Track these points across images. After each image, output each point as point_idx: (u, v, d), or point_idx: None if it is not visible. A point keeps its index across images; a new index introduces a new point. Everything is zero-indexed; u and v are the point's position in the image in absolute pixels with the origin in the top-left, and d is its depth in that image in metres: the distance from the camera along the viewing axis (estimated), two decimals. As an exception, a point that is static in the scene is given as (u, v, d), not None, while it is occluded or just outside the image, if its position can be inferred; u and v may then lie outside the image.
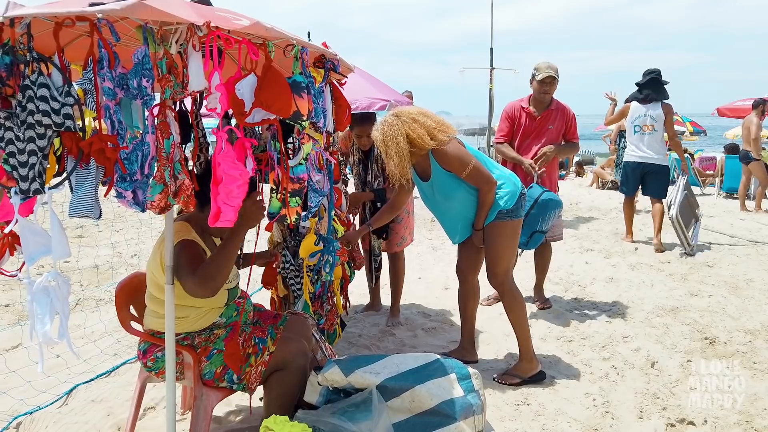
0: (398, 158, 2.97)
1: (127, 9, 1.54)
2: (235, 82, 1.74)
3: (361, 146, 3.96)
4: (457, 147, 3.02)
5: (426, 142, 2.95)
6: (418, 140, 2.95)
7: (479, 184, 3.02)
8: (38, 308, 1.79)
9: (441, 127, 3.04)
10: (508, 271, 3.21)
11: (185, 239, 2.20)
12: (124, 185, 1.71)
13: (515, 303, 3.20)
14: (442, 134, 3.00)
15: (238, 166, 1.74)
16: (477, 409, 2.36)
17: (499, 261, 3.15)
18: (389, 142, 2.97)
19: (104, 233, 7.04)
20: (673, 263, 5.85)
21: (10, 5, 1.61)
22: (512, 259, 3.23)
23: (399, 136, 2.94)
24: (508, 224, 3.11)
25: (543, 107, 4.28)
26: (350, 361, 2.46)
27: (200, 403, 2.27)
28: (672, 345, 3.71)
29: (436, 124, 3.03)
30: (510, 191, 3.09)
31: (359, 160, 4.03)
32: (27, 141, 1.63)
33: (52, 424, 2.72)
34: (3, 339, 3.59)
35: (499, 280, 3.19)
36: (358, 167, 4.04)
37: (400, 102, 4.57)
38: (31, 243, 1.76)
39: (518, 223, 3.17)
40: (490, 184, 3.02)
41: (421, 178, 3.19)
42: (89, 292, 4.69)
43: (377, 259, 4.17)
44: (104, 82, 1.65)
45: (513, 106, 4.40)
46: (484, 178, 3.01)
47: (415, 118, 2.99)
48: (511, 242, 3.16)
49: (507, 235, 3.12)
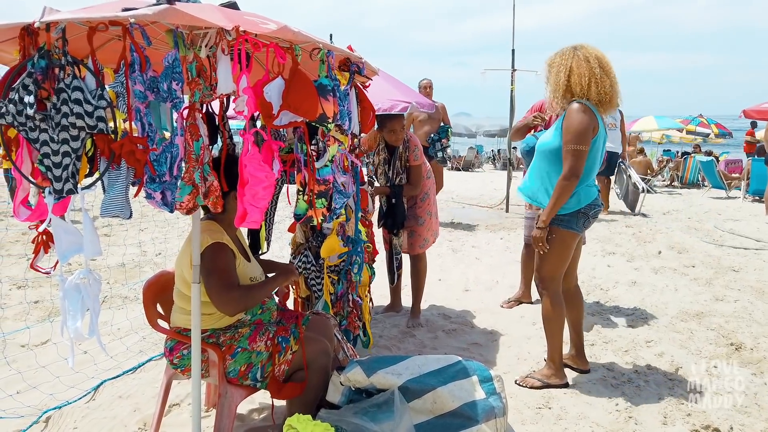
0: (552, 86, 2.94)
1: (159, 14, 1.58)
2: (263, 85, 1.77)
3: (391, 142, 3.97)
4: (589, 121, 2.84)
5: (581, 87, 2.87)
6: (575, 79, 2.88)
7: (565, 164, 2.86)
8: (70, 305, 1.84)
9: (606, 89, 2.89)
10: (553, 279, 3.11)
11: (218, 242, 2.24)
12: (154, 186, 1.75)
13: (553, 312, 3.12)
14: (597, 94, 2.88)
15: (264, 168, 1.76)
16: (499, 412, 2.35)
17: (543, 264, 3.08)
18: (552, 67, 2.95)
19: (130, 232, 7.17)
20: (697, 267, 5.76)
21: (47, 10, 1.66)
22: (559, 267, 3.09)
23: (562, 66, 2.91)
24: (557, 231, 2.98)
25: None
26: (372, 361, 2.48)
27: (224, 400, 2.30)
28: (697, 350, 3.66)
29: (604, 81, 2.89)
30: (576, 200, 2.95)
31: (385, 159, 4.05)
32: (61, 143, 1.68)
33: (80, 419, 2.78)
34: (33, 335, 3.68)
35: (544, 285, 3.12)
36: (383, 166, 4.06)
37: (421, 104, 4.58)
38: (64, 241, 1.80)
39: (568, 235, 3.00)
40: (572, 176, 2.84)
41: None
42: (116, 290, 4.78)
43: (398, 258, 4.18)
44: (135, 85, 1.69)
45: (542, 102, 4.40)
46: (575, 165, 2.83)
47: (589, 60, 2.89)
48: (559, 250, 3.03)
49: (555, 241, 3.00)
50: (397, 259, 4.17)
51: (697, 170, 14.36)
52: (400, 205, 4.01)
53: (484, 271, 5.79)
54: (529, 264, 4.62)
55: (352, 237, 2.98)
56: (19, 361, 3.30)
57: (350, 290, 3.15)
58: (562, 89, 2.94)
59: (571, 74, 2.90)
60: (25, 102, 1.64)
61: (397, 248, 4.13)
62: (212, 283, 2.18)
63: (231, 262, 2.28)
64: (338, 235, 2.94)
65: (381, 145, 4.03)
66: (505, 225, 8.37)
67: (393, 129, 3.88)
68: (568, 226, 2.99)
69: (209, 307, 2.28)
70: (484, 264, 6.07)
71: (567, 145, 2.86)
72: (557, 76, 2.93)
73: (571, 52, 2.95)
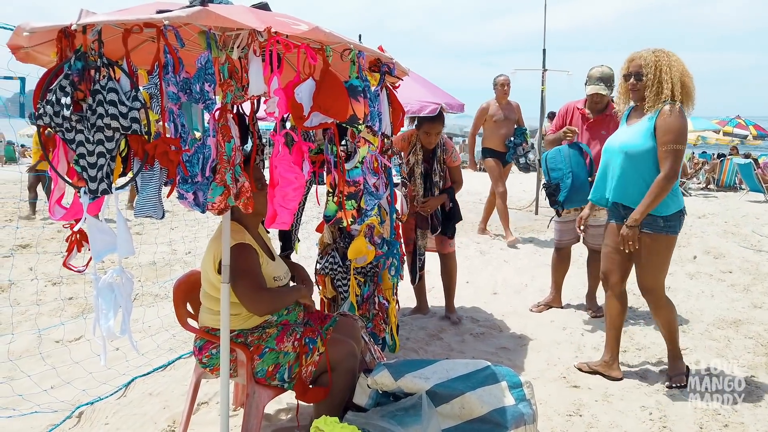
0: (657, 86, 2.92)
1: (193, 16, 1.59)
2: (295, 87, 1.76)
3: (425, 144, 3.96)
4: (686, 123, 2.94)
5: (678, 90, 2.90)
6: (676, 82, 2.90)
7: (665, 165, 2.87)
8: (103, 303, 1.87)
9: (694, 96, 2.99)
10: (661, 287, 3.12)
11: (242, 243, 2.25)
12: (186, 187, 1.76)
13: (672, 315, 3.19)
14: (688, 99, 2.97)
15: (294, 170, 1.76)
16: (528, 419, 2.31)
17: (648, 274, 3.07)
18: (651, 67, 2.93)
19: (161, 231, 7.29)
20: (734, 273, 5.60)
21: (83, 13, 1.69)
22: (664, 273, 3.11)
23: (665, 67, 2.90)
24: (662, 238, 2.98)
25: (598, 110, 4.21)
26: (400, 365, 2.46)
27: (252, 400, 2.31)
28: (734, 359, 3.54)
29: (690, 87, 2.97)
30: (677, 200, 2.98)
31: (421, 160, 4.02)
32: (96, 143, 1.70)
33: (111, 415, 2.82)
34: (67, 331, 3.75)
35: (654, 296, 3.13)
36: (420, 167, 4.03)
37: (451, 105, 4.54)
38: (99, 241, 1.83)
39: (673, 240, 3.03)
40: (674, 175, 2.87)
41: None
42: (147, 288, 4.86)
43: (422, 258, 4.16)
44: (168, 87, 1.71)
45: (568, 106, 4.42)
46: (676, 164, 2.87)
47: (684, 65, 2.96)
48: (665, 257, 3.05)
49: (661, 251, 3.01)
50: (420, 260, 4.14)
51: (734, 173, 13.98)
52: (456, 207, 4.11)
53: (513, 274, 5.72)
54: (559, 268, 4.55)
55: (388, 239, 2.96)
56: (53, 357, 3.37)
57: (377, 293, 3.14)
58: (664, 90, 2.91)
59: (674, 76, 2.91)
60: (62, 103, 1.67)
61: (421, 249, 4.11)
62: (239, 284, 2.19)
63: (256, 261, 2.29)
64: (366, 237, 2.93)
65: (417, 146, 4.01)
66: (534, 227, 8.26)
67: (429, 132, 3.88)
68: (673, 229, 3.01)
69: (236, 308, 2.29)
70: (512, 267, 6.00)
71: (668, 145, 2.88)
72: (659, 76, 2.92)
73: (667, 54, 2.95)
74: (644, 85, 2.98)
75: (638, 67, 3.00)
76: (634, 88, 3.04)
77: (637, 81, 3.01)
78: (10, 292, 4.69)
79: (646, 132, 2.96)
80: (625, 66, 3.09)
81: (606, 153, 3.20)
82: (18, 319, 3.99)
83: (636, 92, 3.05)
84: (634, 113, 3.16)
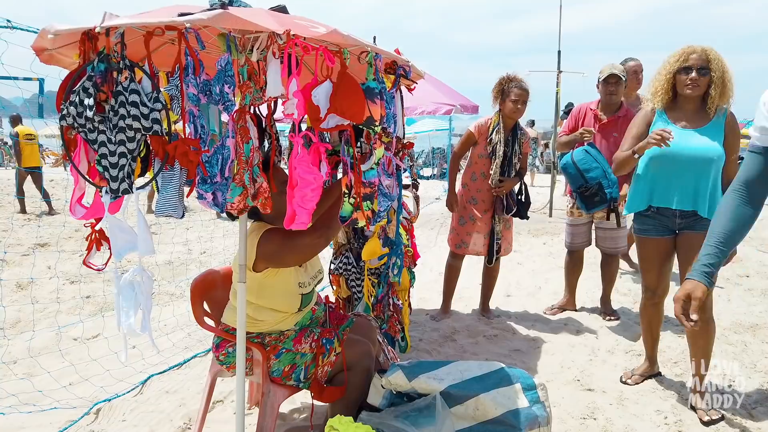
0: (722, 86, 2.76)
1: (214, 19, 1.61)
2: (312, 89, 1.78)
3: (509, 113, 3.98)
4: None
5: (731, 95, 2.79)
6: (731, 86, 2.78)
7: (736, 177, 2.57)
8: (124, 302, 1.90)
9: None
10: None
11: (270, 227, 2.28)
12: (205, 187, 1.79)
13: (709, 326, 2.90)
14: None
15: (312, 170, 1.78)
16: (543, 421, 2.31)
17: None
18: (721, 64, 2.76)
19: (177, 231, 7.36)
20: (752, 278, 5.53)
21: (107, 16, 1.72)
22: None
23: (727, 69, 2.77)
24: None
25: (611, 111, 4.19)
26: (414, 366, 2.47)
27: (267, 399, 2.33)
28: (751, 364, 3.50)
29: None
30: None
31: (504, 140, 4.03)
32: (118, 144, 1.73)
33: (128, 412, 2.86)
34: (85, 329, 3.81)
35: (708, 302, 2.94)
36: (504, 147, 4.03)
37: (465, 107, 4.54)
38: (119, 240, 1.86)
39: None
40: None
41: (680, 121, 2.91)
42: (163, 287, 4.91)
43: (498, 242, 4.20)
44: (188, 89, 1.73)
45: (581, 106, 4.41)
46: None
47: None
48: None
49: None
50: (497, 243, 4.18)
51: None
52: (526, 190, 4.21)
53: (527, 276, 5.70)
54: (573, 271, 4.53)
55: (392, 239, 2.97)
56: (72, 354, 3.43)
57: (391, 294, 3.15)
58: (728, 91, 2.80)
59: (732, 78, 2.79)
60: (85, 104, 1.70)
61: (498, 234, 4.16)
62: (298, 243, 2.18)
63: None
64: (380, 238, 2.94)
65: (500, 125, 4.03)
66: (548, 230, 8.23)
67: (516, 99, 3.91)
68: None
69: (263, 314, 2.31)
70: (526, 269, 5.98)
71: (738, 153, 2.79)
72: (726, 77, 2.78)
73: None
74: (707, 81, 2.78)
75: (704, 61, 2.76)
76: (695, 84, 2.78)
77: (701, 76, 2.77)
78: (30, 289, 4.76)
79: (720, 136, 2.79)
80: (682, 58, 2.82)
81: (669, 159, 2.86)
82: (38, 317, 4.06)
83: (697, 87, 2.79)
84: (675, 113, 2.92)
